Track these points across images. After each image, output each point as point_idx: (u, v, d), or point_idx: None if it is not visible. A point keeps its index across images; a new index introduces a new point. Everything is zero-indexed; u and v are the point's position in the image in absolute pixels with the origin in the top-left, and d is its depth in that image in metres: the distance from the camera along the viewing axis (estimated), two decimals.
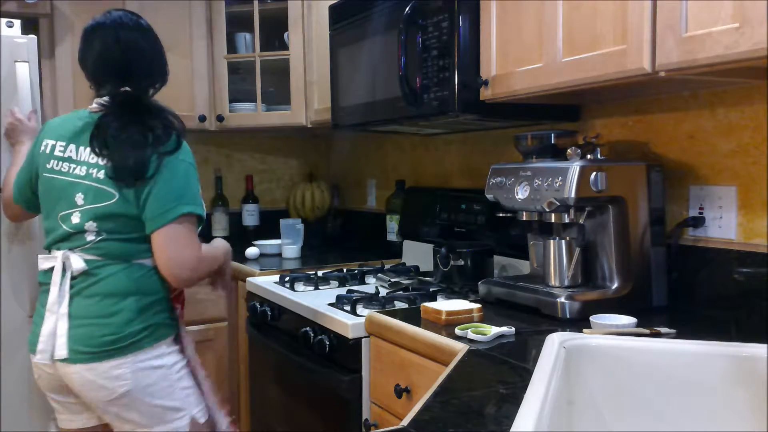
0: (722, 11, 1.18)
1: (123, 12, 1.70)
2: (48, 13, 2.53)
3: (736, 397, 1.12)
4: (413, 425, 0.92)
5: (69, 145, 1.61)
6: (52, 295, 1.55)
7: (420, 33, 1.85)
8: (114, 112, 1.60)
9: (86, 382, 1.53)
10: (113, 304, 1.54)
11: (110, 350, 1.52)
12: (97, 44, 1.65)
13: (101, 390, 1.53)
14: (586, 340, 1.23)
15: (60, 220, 1.59)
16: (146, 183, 1.53)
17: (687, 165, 1.66)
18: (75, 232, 1.57)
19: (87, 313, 1.54)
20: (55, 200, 1.61)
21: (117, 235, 1.57)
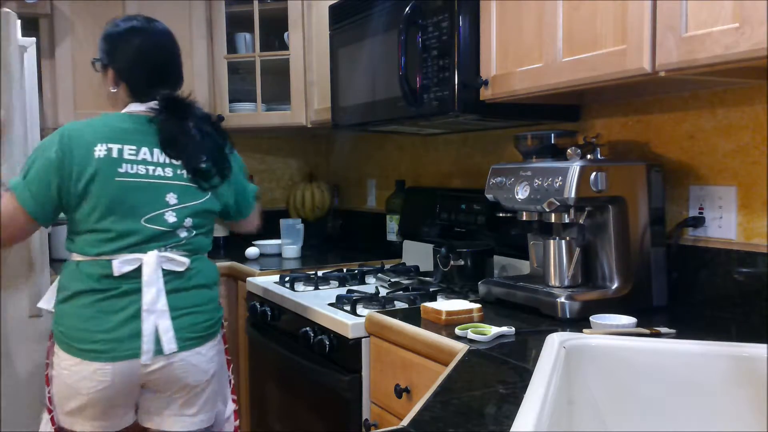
0: (722, 11, 1.18)
1: (147, 17, 1.78)
2: (48, 13, 2.53)
3: (736, 397, 1.12)
4: (413, 425, 0.92)
5: (141, 148, 1.63)
6: (150, 295, 1.59)
7: (420, 33, 1.85)
8: (171, 114, 1.67)
9: (189, 367, 1.64)
10: (207, 293, 1.71)
11: (208, 334, 1.69)
12: (140, 47, 1.70)
13: (201, 373, 1.67)
14: (586, 340, 1.23)
15: (147, 221, 1.61)
16: (228, 179, 1.73)
17: (687, 165, 1.66)
18: (169, 230, 1.63)
19: (185, 304, 1.65)
20: (137, 203, 1.61)
21: (203, 229, 1.71)
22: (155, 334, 1.58)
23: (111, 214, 1.59)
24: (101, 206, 1.58)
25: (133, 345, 1.58)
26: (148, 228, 1.61)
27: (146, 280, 1.58)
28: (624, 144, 1.82)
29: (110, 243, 1.59)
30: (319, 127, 2.80)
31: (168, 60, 1.74)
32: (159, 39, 1.74)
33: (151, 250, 1.60)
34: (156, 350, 1.59)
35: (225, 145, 1.74)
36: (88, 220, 1.60)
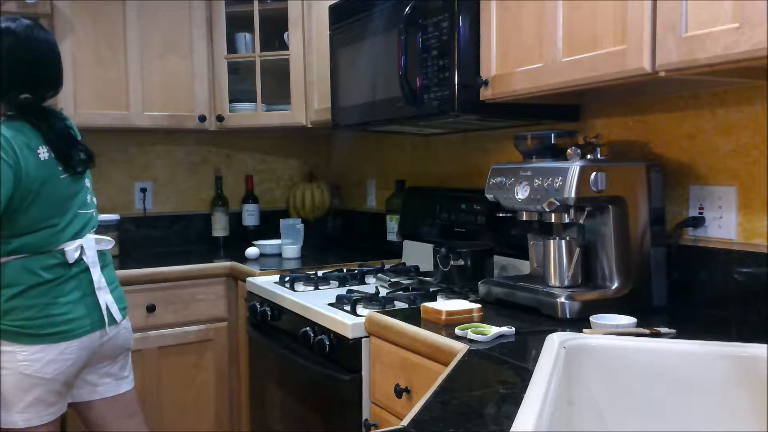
0: (722, 11, 1.18)
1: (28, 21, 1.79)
2: (48, 13, 2.53)
3: (736, 397, 1.12)
4: (413, 425, 0.92)
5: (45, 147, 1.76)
6: (96, 274, 1.80)
7: (420, 33, 1.85)
8: (43, 117, 1.77)
9: (128, 333, 1.92)
10: (113, 269, 1.94)
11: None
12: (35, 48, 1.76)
13: (132, 336, 1.95)
14: (586, 340, 1.23)
15: (80, 208, 1.81)
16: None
17: (687, 165, 1.66)
18: (92, 214, 1.86)
19: (111, 279, 1.88)
20: (74, 195, 1.79)
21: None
22: (107, 306, 1.81)
23: (59, 209, 1.74)
24: (52, 204, 1.73)
25: (93, 319, 1.78)
26: (82, 215, 1.82)
27: (91, 262, 1.79)
28: (624, 144, 1.82)
29: (60, 235, 1.74)
30: (319, 127, 2.80)
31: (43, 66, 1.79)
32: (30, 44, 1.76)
33: (86, 235, 1.81)
34: (110, 321, 1.82)
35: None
36: (38, 220, 1.70)
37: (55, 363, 1.70)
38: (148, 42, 2.76)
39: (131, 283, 2.41)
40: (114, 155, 3.02)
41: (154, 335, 2.49)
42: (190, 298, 2.56)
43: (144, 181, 3.07)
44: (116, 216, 2.83)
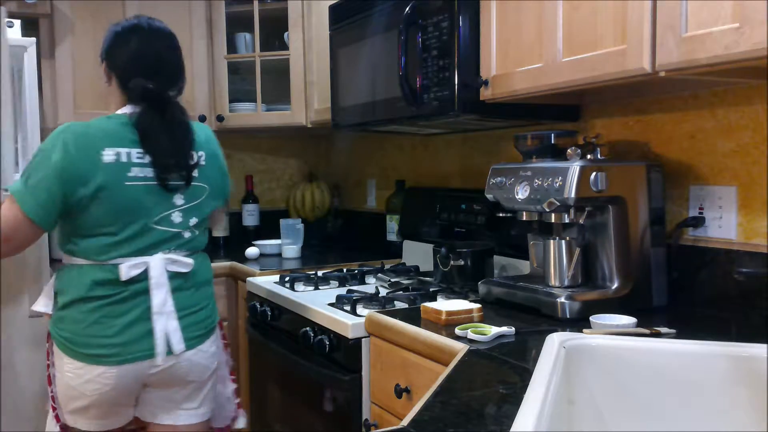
0: (722, 11, 1.18)
1: (151, 18, 1.78)
2: (48, 13, 2.53)
3: (736, 397, 1.12)
4: (413, 425, 0.92)
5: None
6: (159, 298, 1.60)
7: (420, 33, 1.85)
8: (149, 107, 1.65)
9: (192, 365, 1.67)
10: (206, 290, 1.74)
11: (209, 331, 1.72)
12: (134, 45, 1.69)
13: (204, 369, 1.70)
14: (586, 340, 1.23)
15: (156, 223, 1.62)
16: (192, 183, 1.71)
17: (687, 165, 1.66)
18: (176, 232, 1.66)
19: (189, 303, 1.67)
20: (146, 206, 1.61)
21: (202, 228, 1.74)
22: (166, 335, 1.61)
23: (120, 219, 1.58)
24: (111, 211, 1.57)
25: (142, 347, 1.58)
26: (157, 230, 1.62)
27: (154, 283, 1.59)
28: (624, 144, 1.82)
29: (117, 247, 1.58)
30: (319, 127, 2.80)
31: (161, 59, 1.69)
32: (154, 38, 1.71)
33: (156, 253, 1.61)
34: (166, 351, 1.61)
35: (193, 146, 1.70)
36: (95, 225, 1.57)
37: (94, 384, 1.57)
38: None
39: None
40: None
41: None
42: None
43: None
44: None
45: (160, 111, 1.64)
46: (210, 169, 1.72)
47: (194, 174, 1.68)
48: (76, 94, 2.62)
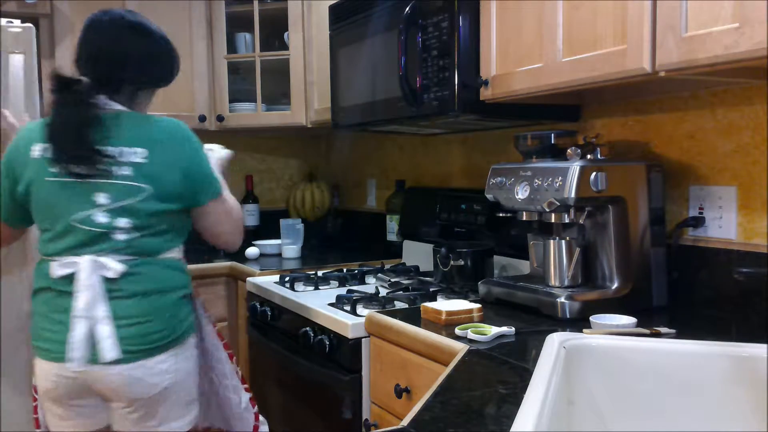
0: (722, 11, 1.18)
1: (123, 11, 1.66)
2: (48, 13, 2.53)
3: (736, 397, 1.12)
4: (413, 425, 0.92)
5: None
6: (82, 300, 1.50)
7: (420, 33, 1.85)
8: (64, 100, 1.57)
9: (132, 380, 1.52)
10: (157, 300, 1.56)
11: (161, 345, 1.55)
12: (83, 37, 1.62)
13: (147, 387, 1.54)
14: (586, 340, 1.23)
15: (76, 222, 1.53)
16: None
17: (687, 165, 1.66)
18: (103, 233, 1.53)
19: (129, 313, 1.53)
20: (65, 203, 1.54)
21: (150, 230, 1.56)
22: (90, 341, 1.50)
23: (46, 216, 1.56)
24: (38, 207, 1.57)
25: (67, 349, 1.51)
26: (80, 229, 1.53)
27: (80, 285, 1.50)
28: (624, 144, 1.82)
29: (52, 243, 1.55)
30: (319, 127, 2.80)
31: (100, 50, 1.59)
32: (101, 30, 1.60)
33: (87, 254, 1.52)
34: (91, 359, 1.50)
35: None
36: (36, 220, 1.61)
37: (41, 380, 1.55)
38: None
39: None
40: None
41: None
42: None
43: None
44: None
45: (73, 103, 1.54)
46: (156, 167, 1.54)
47: (118, 171, 1.53)
48: None
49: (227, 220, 1.71)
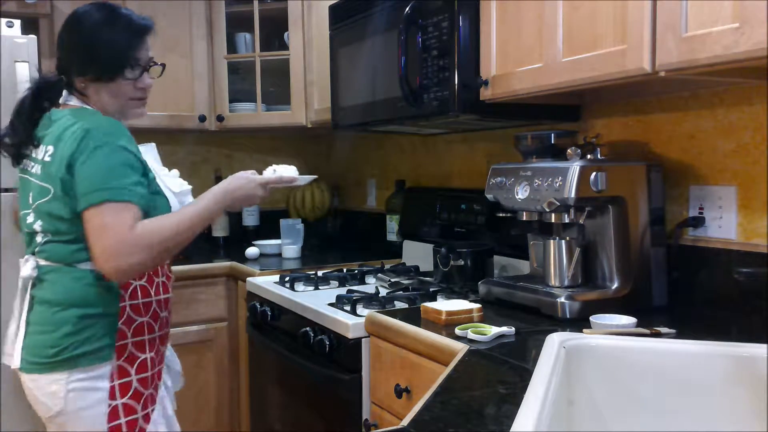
0: (722, 11, 1.18)
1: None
2: (48, 13, 2.53)
3: (736, 397, 1.11)
4: (413, 425, 0.92)
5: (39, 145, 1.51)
6: (17, 301, 1.51)
7: (420, 33, 1.85)
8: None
9: (30, 394, 1.48)
10: (49, 312, 1.45)
11: (51, 363, 1.43)
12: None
13: (40, 405, 1.47)
14: (586, 340, 1.23)
15: (21, 220, 1.54)
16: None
17: (687, 165, 1.66)
18: (29, 233, 1.52)
19: (38, 320, 1.47)
20: (20, 201, 1.55)
21: (58, 236, 1.46)
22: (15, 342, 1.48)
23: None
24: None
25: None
26: (23, 228, 1.54)
27: (19, 285, 1.50)
28: (624, 144, 1.82)
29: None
30: (319, 127, 2.80)
31: (60, 45, 1.58)
32: (65, 24, 1.58)
33: (28, 254, 1.52)
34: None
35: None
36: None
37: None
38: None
39: None
40: None
41: None
42: (191, 298, 2.56)
43: None
44: None
45: (30, 97, 1.55)
46: (54, 166, 1.44)
47: (34, 170, 1.48)
48: None
49: (98, 238, 1.38)
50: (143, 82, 1.59)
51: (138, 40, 1.56)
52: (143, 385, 1.52)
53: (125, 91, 1.57)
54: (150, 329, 1.55)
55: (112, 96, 1.56)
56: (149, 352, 1.54)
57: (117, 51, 1.54)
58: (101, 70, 1.53)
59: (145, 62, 1.58)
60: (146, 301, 1.54)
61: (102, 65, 1.53)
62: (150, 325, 1.55)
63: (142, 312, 1.53)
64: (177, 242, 1.46)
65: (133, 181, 1.42)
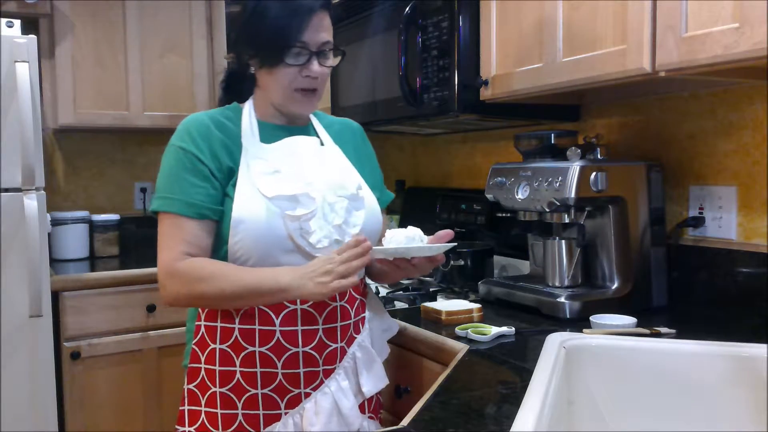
0: (722, 11, 1.18)
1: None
2: (48, 13, 2.53)
3: (736, 397, 1.12)
4: (413, 425, 0.92)
5: None
6: None
7: (420, 33, 1.85)
8: None
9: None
10: None
11: None
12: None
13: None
14: (586, 340, 1.23)
15: None
16: None
17: (687, 165, 1.66)
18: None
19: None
20: None
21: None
22: None
23: None
24: None
25: None
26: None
27: None
28: (624, 144, 1.82)
29: None
30: None
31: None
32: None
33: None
34: None
35: None
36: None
37: None
38: (148, 42, 2.76)
39: (131, 283, 2.41)
40: (114, 155, 3.02)
41: (154, 335, 2.49)
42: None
43: (144, 181, 3.07)
44: (116, 216, 2.83)
45: (221, 92, 1.48)
46: None
47: None
48: (76, 94, 2.62)
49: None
50: (310, 69, 1.34)
51: (299, 19, 1.30)
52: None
53: (288, 79, 1.33)
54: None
55: (277, 85, 1.34)
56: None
57: (274, 33, 1.29)
58: (262, 54, 1.32)
59: (315, 46, 1.34)
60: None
61: (259, 50, 1.32)
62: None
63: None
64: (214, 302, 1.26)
65: (185, 188, 1.27)
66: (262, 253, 1.24)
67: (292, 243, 1.25)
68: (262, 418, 1.25)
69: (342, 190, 1.32)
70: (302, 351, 1.26)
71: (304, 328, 1.26)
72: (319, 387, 1.27)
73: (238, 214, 1.24)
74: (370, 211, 1.38)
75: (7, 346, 2.21)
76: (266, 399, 1.25)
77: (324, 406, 1.26)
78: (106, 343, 2.40)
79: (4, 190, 2.22)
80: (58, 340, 2.33)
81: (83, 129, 2.79)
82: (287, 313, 1.26)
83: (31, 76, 2.21)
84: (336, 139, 1.48)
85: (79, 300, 2.37)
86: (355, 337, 1.34)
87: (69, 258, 2.71)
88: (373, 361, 1.35)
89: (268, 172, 1.29)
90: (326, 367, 1.28)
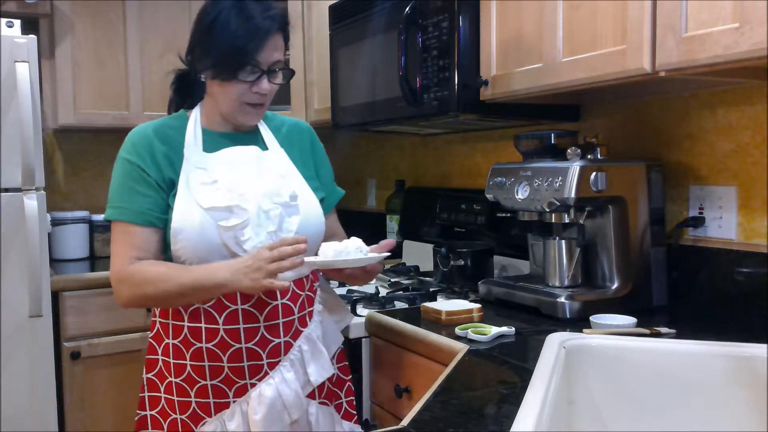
0: (722, 11, 1.18)
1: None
2: (48, 13, 2.53)
3: (736, 397, 1.12)
4: (413, 425, 0.92)
5: None
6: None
7: (420, 33, 1.85)
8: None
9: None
10: None
11: None
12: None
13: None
14: (586, 340, 1.23)
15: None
16: None
17: (687, 165, 1.66)
18: None
19: None
20: None
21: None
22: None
23: None
24: None
25: None
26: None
27: None
28: (624, 144, 1.82)
29: None
30: (319, 127, 2.79)
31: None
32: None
33: None
34: None
35: None
36: None
37: None
38: (148, 42, 2.76)
39: None
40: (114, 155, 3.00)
41: None
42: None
43: None
44: None
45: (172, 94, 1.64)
46: None
47: None
48: (76, 94, 2.62)
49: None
50: (260, 87, 1.38)
51: (256, 41, 1.35)
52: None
53: (237, 94, 1.38)
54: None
55: (226, 98, 1.40)
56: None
57: (231, 51, 1.34)
58: (216, 68, 1.37)
59: (267, 65, 1.38)
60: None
61: (214, 64, 1.37)
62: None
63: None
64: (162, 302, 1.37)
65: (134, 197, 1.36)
66: (200, 260, 1.33)
67: (227, 251, 1.33)
68: (213, 406, 1.36)
69: (277, 197, 1.39)
70: (245, 347, 1.34)
71: (245, 326, 1.34)
72: (264, 378, 1.36)
73: (176, 224, 1.33)
74: (305, 216, 1.45)
75: (7, 346, 2.21)
76: (215, 389, 1.35)
77: (267, 396, 1.34)
78: (106, 343, 2.40)
79: (4, 190, 2.22)
80: (58, 340, 2.34)
81: (83, 129, 2.79)
82: (229, 312, 1.34)
83: (31, 76, 2.21)
84: (283, 141, 1.53)
85: (79, 300, 2.37)
86: (302, 330, 1.41)
87: (69, 258, 2.71)
88: (319, 352, 1.42)
89: (207, 182, 1.36)
90: (270, 360, 1.36)
